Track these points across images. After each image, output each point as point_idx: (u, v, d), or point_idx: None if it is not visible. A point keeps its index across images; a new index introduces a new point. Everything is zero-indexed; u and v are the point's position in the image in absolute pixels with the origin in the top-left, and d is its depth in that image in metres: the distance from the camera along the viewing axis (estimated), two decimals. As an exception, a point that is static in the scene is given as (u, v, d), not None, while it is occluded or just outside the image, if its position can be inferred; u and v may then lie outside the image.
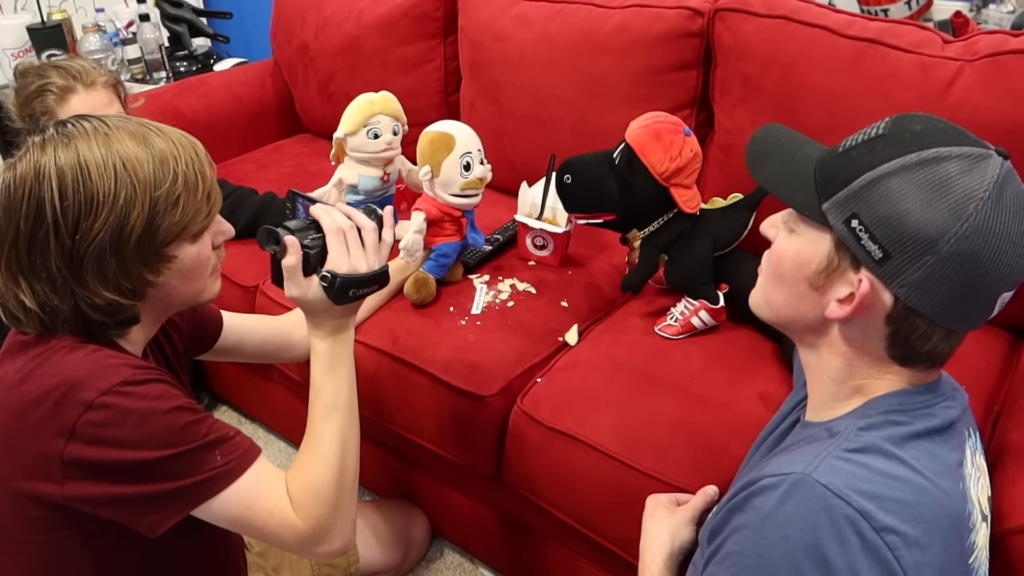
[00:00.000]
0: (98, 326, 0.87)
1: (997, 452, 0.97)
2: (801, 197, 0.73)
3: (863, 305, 0.69)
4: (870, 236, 0.67)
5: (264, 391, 1.79)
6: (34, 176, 0.81)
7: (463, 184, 1.33)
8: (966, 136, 0.68)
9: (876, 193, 0.67)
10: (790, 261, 0.75)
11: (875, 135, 0.70)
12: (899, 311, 0.68)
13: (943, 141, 0.67)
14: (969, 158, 0.66)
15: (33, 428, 0.81)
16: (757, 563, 0.66)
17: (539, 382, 1.27)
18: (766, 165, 0.78)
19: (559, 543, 1.35)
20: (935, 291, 0.66)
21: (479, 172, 1.34)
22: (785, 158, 0.77)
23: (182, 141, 0.88)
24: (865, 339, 0.72)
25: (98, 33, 2.41)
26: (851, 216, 0.68)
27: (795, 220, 0.75)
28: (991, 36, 1.29)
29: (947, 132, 0.68)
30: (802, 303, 0.75)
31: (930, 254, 0.65)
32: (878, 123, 0.71)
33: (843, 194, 0.69)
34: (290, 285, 0.94)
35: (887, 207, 0.66)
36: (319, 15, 2.09)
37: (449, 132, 1.34)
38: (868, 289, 0.68)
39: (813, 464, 0.67)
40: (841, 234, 0.69)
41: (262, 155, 2.18)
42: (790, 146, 0.78)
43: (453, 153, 1.32)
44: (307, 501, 0.90)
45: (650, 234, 1.31)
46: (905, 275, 0.66)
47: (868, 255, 0.68)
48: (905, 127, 0.69)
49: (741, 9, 1.48)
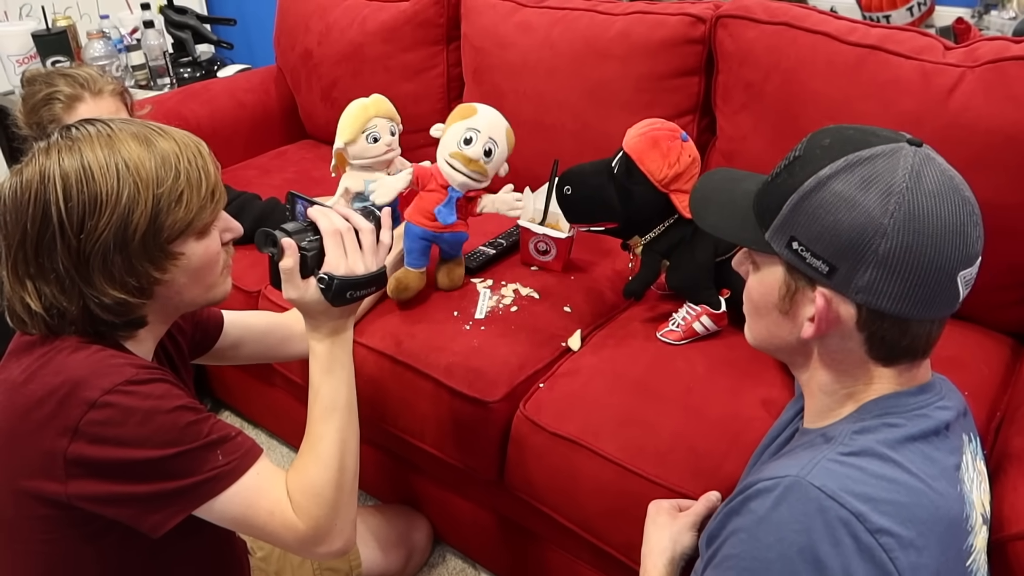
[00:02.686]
0: (107, 327, 0.88)
1: (999, 458, 0.97)
2: (745, 233, 0.76)
3: (828, 319, 0.71)
4: (811, 253, 0.70)
5: (266, 396, 1.79)
6: (40, 180, 0.82)
7: (453, 151, 1.32)
8: (875, 135, 0.70)
9: (804, 212, 0.70)
10: (757, 293, 0.78)
11: (793, 158, 0.73)
12: (865, 316, 0.70)
13: (852, 147, 0.69)
14: (881, 156, 0.68)
15: (37, 427, 0.82)
16: (753, 566, 0.66)
17: (542, 387, 1.27)
18: (709, 209, 0.82)
19: (561, 548, 1.35)
20: (888, 288, 0.68)
21: (474, 151, 1.32)
22: (724, 200, 0.80)
23: (185, 140, 0.89)
24: (845, 350, 0.74)
25: (102, 40, 2.42)
26: (790, 239, 0.71)
27: (753, 254, 0.78)
28: (992, 42, 1.29)
29: (855, 138, 0.71)
30: (779, 329, 0.77)
31: (870, 255, 0.67)
32: (797, 146, 0.74)
33: (777, 221, 0.72)
34: (288, 287, 0.94)
35: (817, 223, 0.69)
36: (322, 22, 2.10)
37: (475, 107, 1.36)
38: (825, 304, 0.70)
39: (808, 467, 0.67)
40: (787, 258, 0.72)
41: (265, 161, 2.18)
42: (728, 187, 0.82)
43: (464, 122, 1.33)
44: (307, 501, 0.91)
45: (651, 240, 1.31)
46: (855, 281, 0.68)
47: (816, 271, 0.70)
48: (816, 143, 0.72)
49: (743, 16, 1.49)
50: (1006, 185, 1.23)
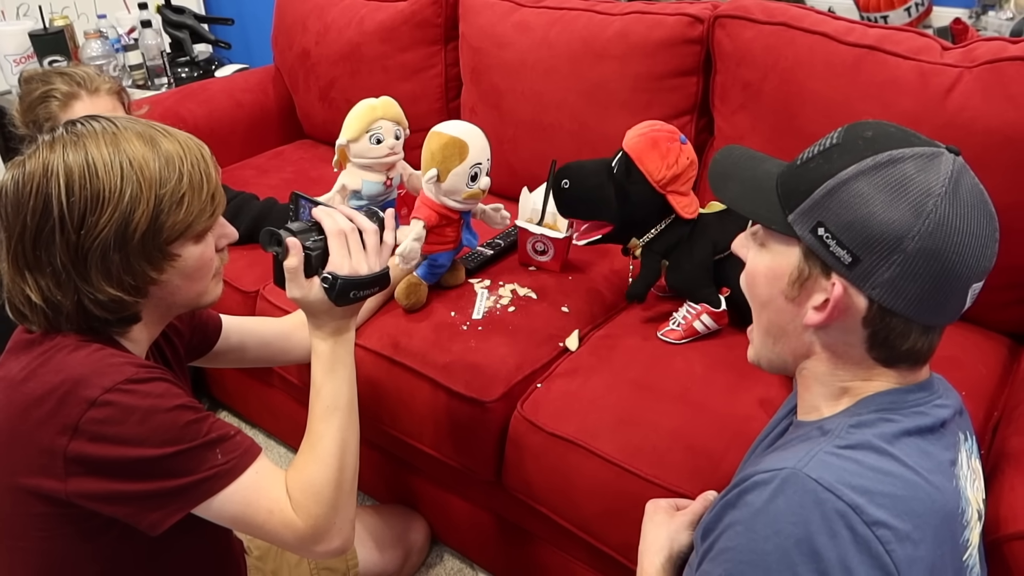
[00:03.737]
0: (100, 323, 0.88)
1: (996, 458, 0.97)
2: (766, 212, 0.75)
3: (838, 309, 0.71)
4: (837, 242, 0.69)
5: (264, 396, 1.79)
6: (42, 173, 0.82)
7: (467, 195, 1.33)
8: (917, 137, 0.70)
9: (838, 200, 0.69)
10: (763, 276, 0.77)
11: (830, 145, 0.73)
12: (874, 312, 0.70)
13: (895, 144, 0.69)
14: (922, 157, 0.68)
15: (37, 425, 0.82)
16: (749, 558, 0.66)
17: (539, 387, 1.27)
18: (729, 185, 0.81)
19: (559, 549, 1.35)
20: (907, 289, 0.68)
21: (484, 184, 1.34)
22: (746, 176, 0.80)
23: (188, 143, 0.89)
24: (846, 344, 0.74)
25: (100, 39, 2.42)
26: (817, 224, 0.70)
27: (764, 236, 0.77)
28: (990, 43, 1.29)
29: (898, 135, 0.70)
30: (780, 317, 0.77)
31: (897, 253, 0.67)
32: (832, 134, 0.74)
33: (806, 204, 0.71)
34: (292, 286, 0.95)
35: (850, 212, 0.68)
36: (320, 21, 2.10)
37: (464, 140, 1.30)
38: (842, 293, 0.70)
39: (805, 460, 0.67)
40: (809, 243, 0.71)
41: (263, 161, 2.18)
42: (750, 164, 0.81)
43: (464, 163, 1.30)
44: (306, 500, 0.91)
45: (650, 241, 1.31)
46: (876, 276, 0.68)
47: (838, 261, 0.69)
48: (858, 134, 0.72)
49: (741, 16, 1.49)
50: (1003, 185, 1.23)
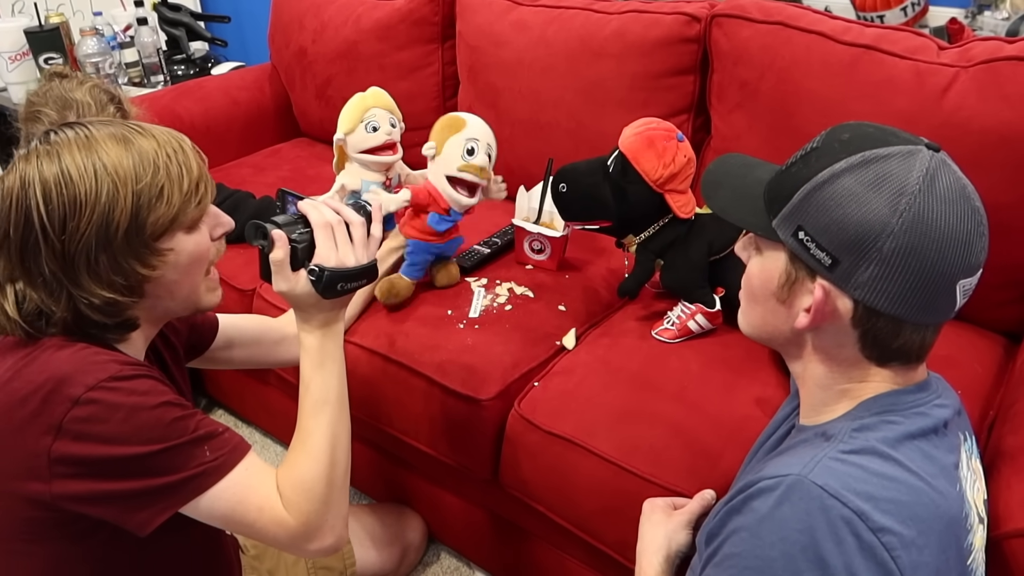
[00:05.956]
0: (98, 329, 0.87)
1: (993, 456, 0.98)
2: (753, 218, 0.76)
3: (824, 312, 0.72)
4: (816, 245, 0.70)
5: (260, 394, 1.79)
6: (20, 186, 0.83)
7: (462, 165, 1.32)
8: (895, 136, 0.71)
9: (814, 203, 0.70)
10: (757, 279, 0.79)
11: (810, 149, 0.74)
12: (861, 312, 0.71)
13: (870, 144, 0.70)
14: (898, 156, 0.68)
15: (21, 425, 0.81)
16: (755, 564, 0.66)
17: (536, 386, 1.27)
18: (719, 193, 0.82)
19: (556, 547, 1.35)
20: (888, 288, 0.68)
21: (480, 160, 1.33)
22: (736, 184, 0.81)
23: (164, 136, 0.89)
24: (839, 345, 0.74)
25: (96, 37, 2.41)
26: (797, 228, 0.71)
27: (757, 240, 0.78)
28: (986, 43, 1.30)
29: (875, 135, 0.71)
30: (775, 318, 0.78)
31: (874, 252, 0.67)
32: (815, 137, 0.75)
33: (787, 209, 0.72)
34: (278, 279, 0.94)
35: (826, 214, 0.69)
36: (317, 19, 2.09)
37: (463, 118, 1.35)
38: (823, 295, 0.71)
39: (809, 466, 0.67)
40: (792, 247, 0.72)
41: (260, 159, 2.18)
42: (741, 172, 0.82)
43: (460, 134, 1.33)
44: (297, 497, 0.90)
45: (646, 239, 1.31)
46: (855, 277, 0.69)
47: (818, 263, 0.70)
48: (835, 137, 0.73)
49: (738, 15, 1.49)
50: (999, 184, 1.23)
